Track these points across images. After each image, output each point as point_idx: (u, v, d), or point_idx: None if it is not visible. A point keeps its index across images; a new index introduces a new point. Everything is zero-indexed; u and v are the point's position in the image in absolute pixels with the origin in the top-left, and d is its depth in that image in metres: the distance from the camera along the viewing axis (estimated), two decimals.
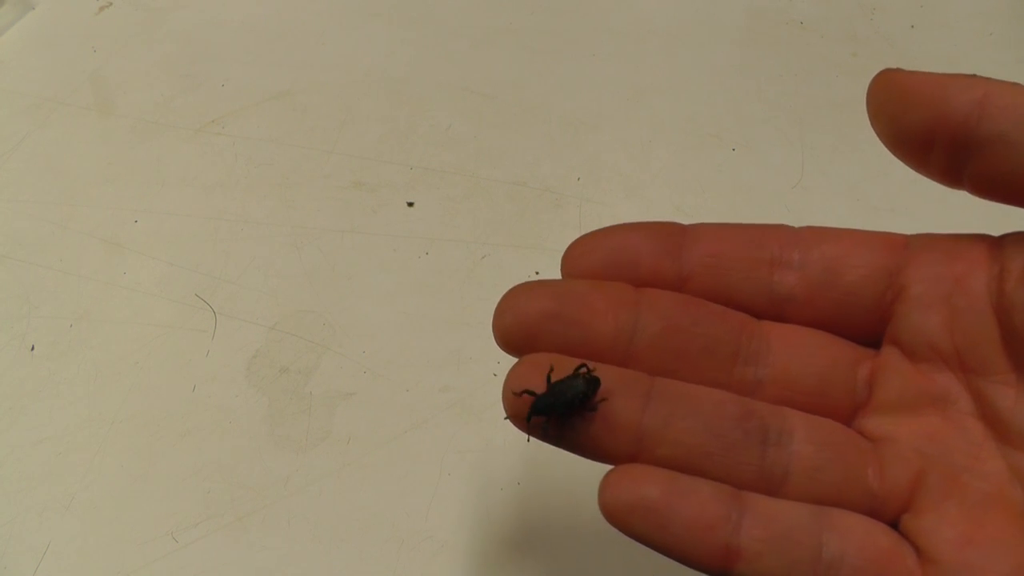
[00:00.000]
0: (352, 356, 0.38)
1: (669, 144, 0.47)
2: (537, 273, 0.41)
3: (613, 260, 0.22)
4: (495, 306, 0.22)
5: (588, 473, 0.35)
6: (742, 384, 0.22)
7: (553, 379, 0.21)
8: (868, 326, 0.22)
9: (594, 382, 0.20)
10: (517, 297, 0.21)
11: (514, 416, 0.21)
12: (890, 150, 0.21)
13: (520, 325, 0.21)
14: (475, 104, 0.49)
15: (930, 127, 0.20)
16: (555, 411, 0.20)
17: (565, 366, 0.21)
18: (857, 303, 0.22)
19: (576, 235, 0.23)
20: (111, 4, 0.56)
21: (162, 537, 0.33)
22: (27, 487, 0.35)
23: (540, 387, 0.21)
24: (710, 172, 0.45)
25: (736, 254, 0.22)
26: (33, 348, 0.39)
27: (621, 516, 0.19)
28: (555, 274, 0.44)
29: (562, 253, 0.23)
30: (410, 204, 0.44)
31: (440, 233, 0.43)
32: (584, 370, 0.21)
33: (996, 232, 0.22)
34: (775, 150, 0.46)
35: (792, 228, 0.23)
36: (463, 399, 0.37)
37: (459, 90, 0.50)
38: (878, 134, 0.21)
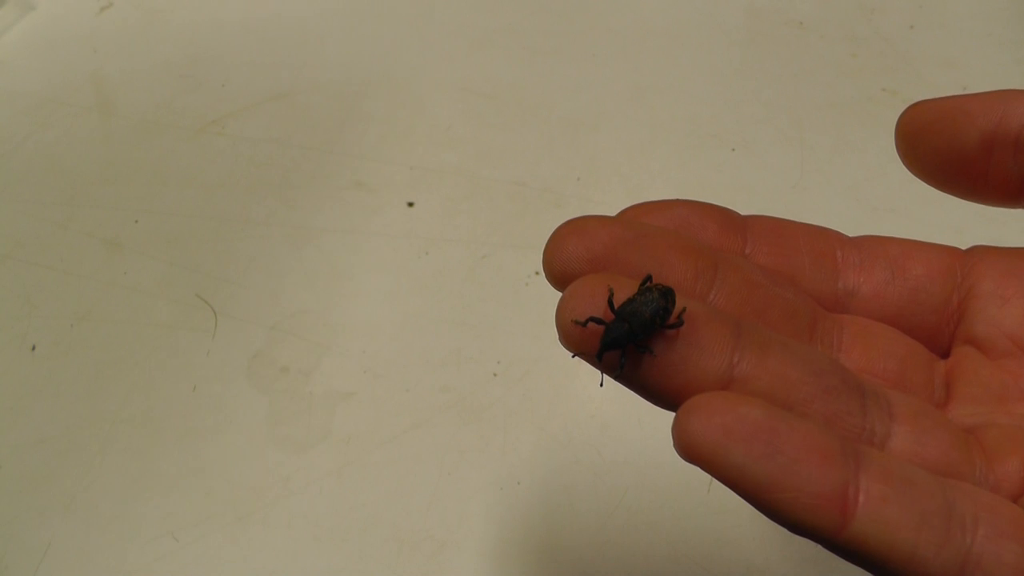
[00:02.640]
0: (352, 356, 0.39)
1: (669, 144, 0.47)
2: (537, 273, 0.41)
3: (678, 227, 0.20)
4: (545, 244, 0.19)
5: (588, 473, 0.35)
6: None
7: (616, 303, 0.17)
8: (934, 328, 0.21)
9: (669, 292, 0.17)
10: (585, 223, 0.18)
11: (581, 351, 0.18)
12: (934, 181, 0.21)
13: (589, 251, 0.18)
14: (475, 104, 0.49)
15: (988, 140, 0.19)
16: (633, 338, 0.17)
17: (624, 288, 0.17)
18: (924, 301, 0.21)
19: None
20: (112, 5, 0.56)
21: (162, 537, 0.34)
22: (27, 487, 0.35)
23: (606, 311, 0.17)
24: (710, 172, 0.45)
25: (801, 242, 0.21)
26: (34, 348, 0.39)
27: (715, 442, 0.15)
28: None
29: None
30: (410, 204, 0.44)
31: (440, 233, 0.43)
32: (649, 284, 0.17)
33: (999, 234, 0.22)
34: (775, 150, 0.46)
35: (845, 235, 0.22)
36: (463, 399, 0.37)
37: (459, 90, 0.50)
38: (918, 167, 0.21)
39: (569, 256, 0.18)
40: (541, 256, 0.19)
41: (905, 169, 0.21)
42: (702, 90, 0.50)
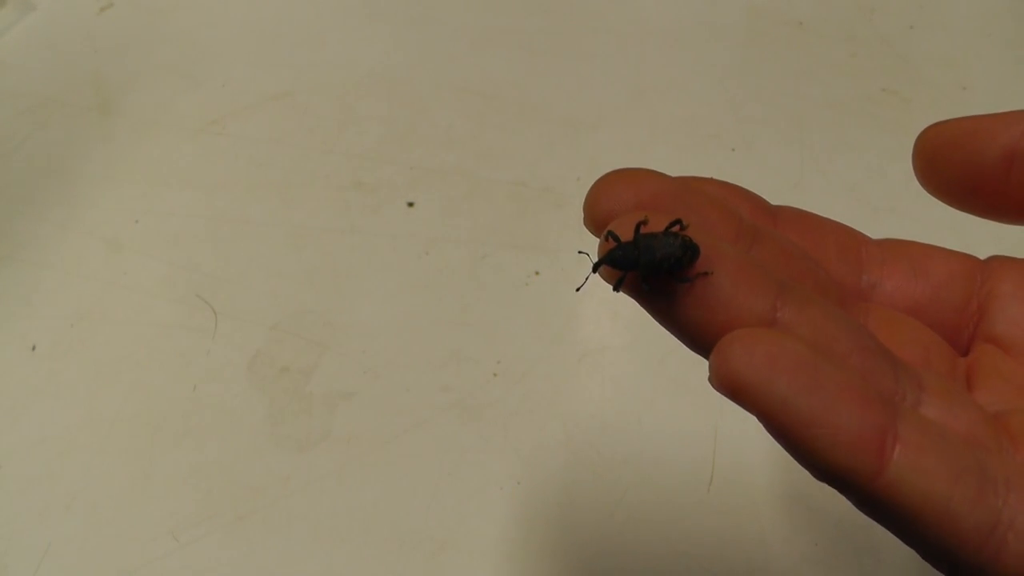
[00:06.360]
0: (352, 356, 0.39)
1: (669, 144, 0.47)
2: (537, 273, 0.41)
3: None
4: (589, 189, 0.19)
5: (588, 472, 0.35)
6: None
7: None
8: (955, 327, 0.21)
9: (691, 247, 0.17)
10: (633, 172, 0.19)
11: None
12: (952, 200, 0.21)
13: (636, 196, 0.18)
14: (475, 104, 0.49)
15: (1009, 157, 0.19)
16: (636, 268, 0.17)
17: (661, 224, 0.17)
18: (946, 299, 0.21)
19: (576, 235, 0.22)
20: (112, 5, 0.56)
21: (163, 536, 0.34)
22: (27, 487, 0.35)
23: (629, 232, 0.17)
24: (710, 172, 0.45)
25: (827, 233, 0.22)
26: (34, 348, 0.39)
27: (758, 372, 0.15)
28: (556, 274, 0.44)
29: (562, 253, 0.21)
30: (410, 204, 0.44)
31: (440, 233, 0.43)
32: (678, 227, 0.17)
33: (997, 236, 0.22)
34: (775, 150, 0.46)
35: (867, 235, 0.22)
36: (463, 399, 0.37)
37: (459, 90, 0.50)
38: (936, 186, 0.21)
39: (616, 199, 0.18)
40: (541, 256, 0.19)
41: (905, 170, 0.22)
42: (702, 90, 0.50)
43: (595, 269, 0.18)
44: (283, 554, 0.33)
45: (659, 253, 0.17)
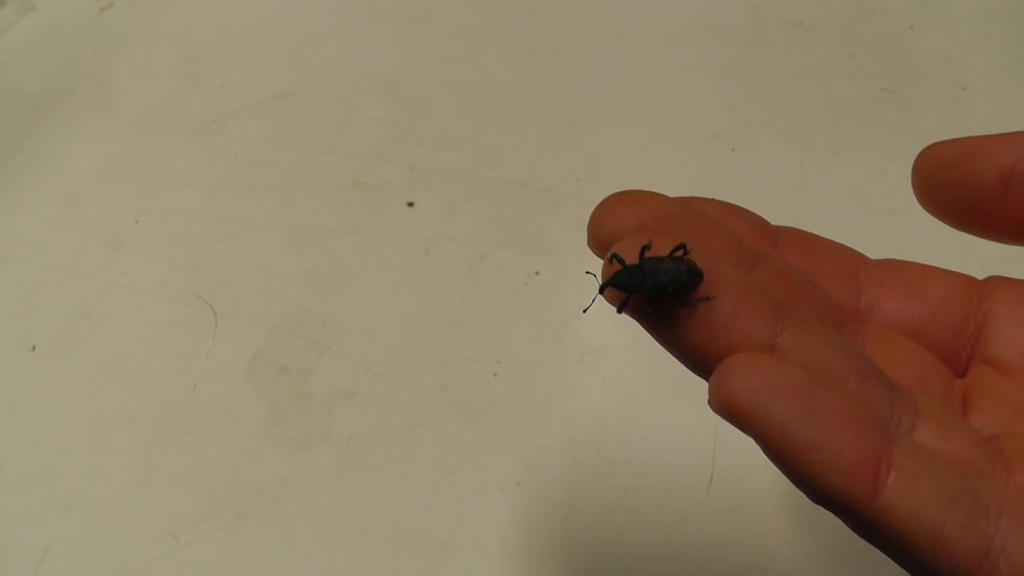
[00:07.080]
0: (352, 356, 0.39)
1: (669, 144, 0.47)
2: (537, 273, 0.41)
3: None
4: (592, 212, 0.19)
5: (588, 473, 0.35)
6: None
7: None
8: (952, 348, 0.22)
9: (695, 272, 0.17)
10: (635, 194, 0.19)
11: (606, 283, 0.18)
12: (950, 219, 0.21)
13: (639, 218, 0.19)
14: (475, 104, 0.49)
15: (1006, 178, 0.20)
16: (640, 291, 0.17)
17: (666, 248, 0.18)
18: (943, 320, 0.21)
19: (576, 235, 0.22)
20: (112, 5, 0.56)
21: (163, 536, 0.34)
22: (27, 487, 0.35)
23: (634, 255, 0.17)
24: (710, 172, 0.46)
25: (827, 254, 0.22)
26: (34, 348, 0.39)
27: (757, 396, 0.15)
28: (556, 274, 0.44)
29: (562, 253, 0.21)
30: (410, 204, 0.44)
31: (440, 233, 0.43)
32: (682, 251, 0.17)
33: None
34: (775, 150, 0.46)
35: (865, 255, 0.22)
36: (463, 399, 0.37)
37: (459, 90, 0.50)
38: (935, 205, 0.21)
39: (620, 222, 0.19)
40: (541, 256, 0.19)
41: (905, 169, 0.22)
42: (702, 90, 0.50)
43: (601, 291, 0.18)
44: (283, 554, 0.33)
45: (665, 277, 0.17)
